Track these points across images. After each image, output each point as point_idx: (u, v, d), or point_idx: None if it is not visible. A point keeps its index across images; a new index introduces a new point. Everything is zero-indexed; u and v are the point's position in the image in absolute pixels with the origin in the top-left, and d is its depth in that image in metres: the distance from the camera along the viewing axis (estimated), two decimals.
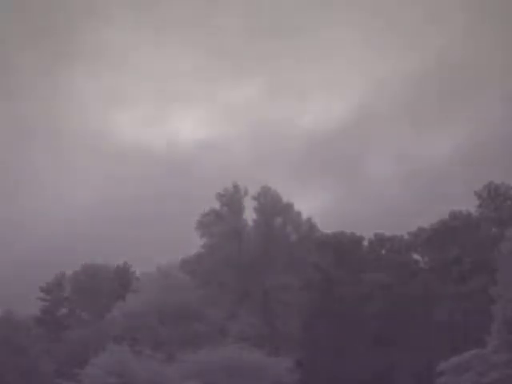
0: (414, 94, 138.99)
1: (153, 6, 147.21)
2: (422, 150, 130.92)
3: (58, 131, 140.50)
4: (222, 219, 77.19)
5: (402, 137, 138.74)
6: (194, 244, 77.63)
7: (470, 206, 78.34)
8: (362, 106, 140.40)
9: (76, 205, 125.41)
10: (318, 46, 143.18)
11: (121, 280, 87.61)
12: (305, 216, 79.71)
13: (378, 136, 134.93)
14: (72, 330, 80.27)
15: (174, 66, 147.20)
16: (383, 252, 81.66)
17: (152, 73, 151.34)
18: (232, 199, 77.87)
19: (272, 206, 77.49)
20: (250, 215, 78.66)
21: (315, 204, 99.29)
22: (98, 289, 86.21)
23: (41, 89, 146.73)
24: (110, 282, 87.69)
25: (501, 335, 53.62)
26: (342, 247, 79.47)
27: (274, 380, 58.61)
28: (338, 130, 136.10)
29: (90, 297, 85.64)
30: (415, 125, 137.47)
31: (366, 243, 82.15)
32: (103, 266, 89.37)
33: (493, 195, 77.85)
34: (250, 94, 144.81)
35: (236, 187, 77.99)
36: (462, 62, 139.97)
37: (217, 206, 78.04)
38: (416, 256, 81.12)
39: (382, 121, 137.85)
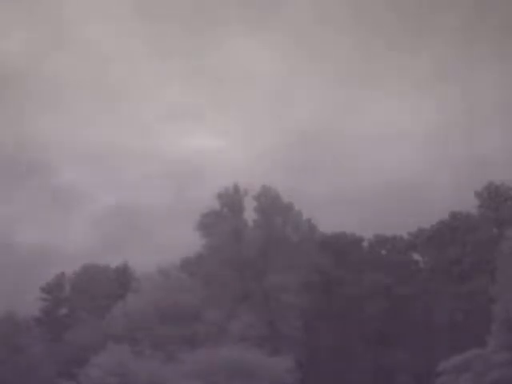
0: None
1: None
2: None
3: None
4: (223, 219, 77.14)
5: None
6: (194, 244, 77.69)
7: (469, 206, 78.44)
8: None
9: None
10: None
11: (121, 280, 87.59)
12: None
13: None
14: (72, 329, 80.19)
15: None
16: (383, 252, 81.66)
17: None
18: (232, 199, 77.84)
19: (272, 206, 77.45)
20: (250, 215, 78.75)
21: None
22: (98, 289, 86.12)
23: None
24: (110, 282, 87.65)
25: (501, 335, 53.66)
26: (342, 247, 79.48)
27: (274, 380, 58.60)
28: None
29: (90, 297, 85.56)
30: None
31: (366, 243, 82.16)
32: (103, 266, 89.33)
33: (493, 195, 77.82)
34: None
35: (236, 187, 77.99)
36: None
37: (217, 206, 78.10)
38: (416, 256, 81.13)
39: None
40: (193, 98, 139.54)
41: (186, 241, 79.31)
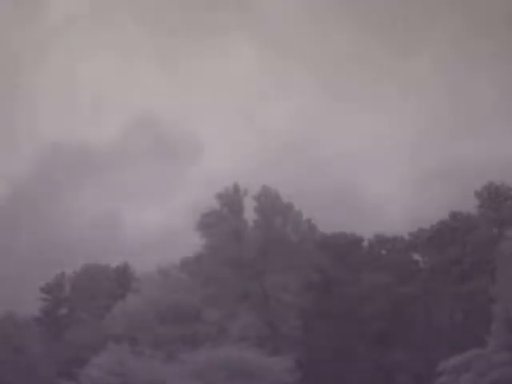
0: None
1: None
2: None
3: None
4: (223, 219, 77.17)
5: None
6: (194, 244, 77.73)
7: (470, 206, 78.45)
8: None
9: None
10: None
11: (121, 280, 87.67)
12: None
13: None
14: (72, 329, 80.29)
15: None
16: (383, 252, 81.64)
17: None
18: (232, 199, 77.86)
19: (272, 206, 77.46)
20: (250, 215, 78.79)
21: None
22: (98, 289, 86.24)
23: None
24: (110, 282, 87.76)
25: (501, 335, 53.64)
26: (342, 247, 79.46)
27: (274, 380, 58.60)
28: None
29: (90, 297, 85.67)
30: None
31: (365, 243, 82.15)
32: (103, 266, 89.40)
33: (493, 195, 77.80)
34: None
35: (236, 187, 78.00)
36: None
37: (217, 206, 78.12)
38: (416, 256, 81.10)
39: None
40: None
41: (186, 241, 79.58)
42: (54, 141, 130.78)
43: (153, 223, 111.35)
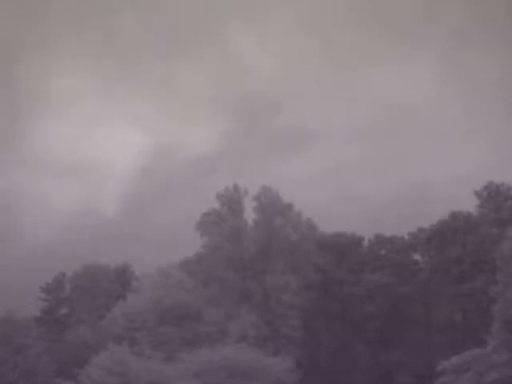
0: None
1: None
2: None
3: None
4: (223, 219, 77.17)
5: None
6: (194, 244, 77.71)
7: (470, 206, 78.43)
8: None
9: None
10: None
11: (121, 280, 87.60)
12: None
13: None
14: (72, 329, 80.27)
15: None
16: (383, 252, 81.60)
17: None
18: (232, 199, 77.86)
19: (272, 206, 77.41)
20: (250, 215, 78.80)
21: None
22: (97, 289, 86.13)
23: None
24: (110, 282, 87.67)
25: (501, 335, 53.73)
26: (342, 247, 79.44)
27: (274, 380, 58.66)
28: None
29: (90, 297, 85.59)
30: None
31: (366, 243, 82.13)
32: (103, 266, 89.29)
33: (493, 195, 77.83)
34: None
35: (236, 187, 78.00)
36: None
37: (217, 206, 78.15)
38: (416, 256, 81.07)
39: None
40: None
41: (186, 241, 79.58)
42: None
43: None
